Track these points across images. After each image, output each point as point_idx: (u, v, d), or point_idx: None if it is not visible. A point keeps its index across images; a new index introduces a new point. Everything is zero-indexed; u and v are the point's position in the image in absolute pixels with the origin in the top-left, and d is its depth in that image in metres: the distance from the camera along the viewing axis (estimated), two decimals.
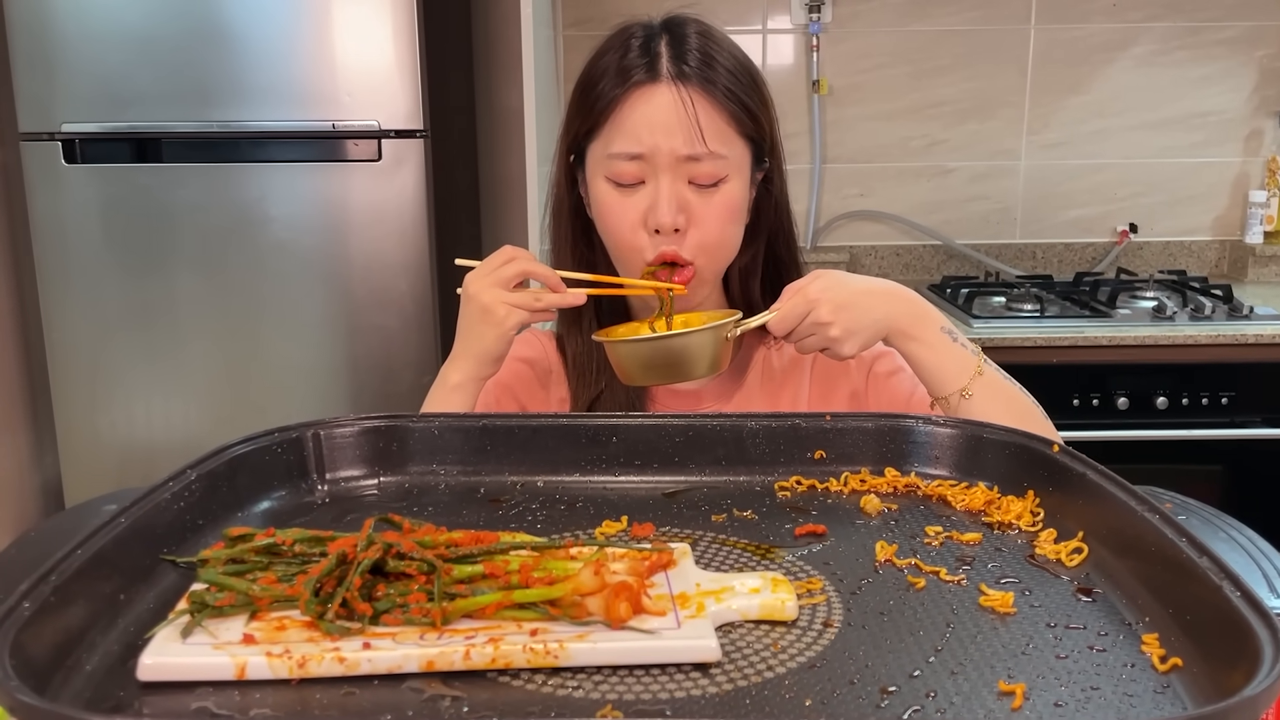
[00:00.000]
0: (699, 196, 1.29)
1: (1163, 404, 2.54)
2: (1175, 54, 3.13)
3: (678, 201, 1.28)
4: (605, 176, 1.31)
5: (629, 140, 1.28)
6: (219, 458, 0.91)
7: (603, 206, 1.32)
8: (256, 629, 0.70)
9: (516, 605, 0.72)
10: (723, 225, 1.31)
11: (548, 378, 1.44)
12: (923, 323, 1.26)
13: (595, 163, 1.32)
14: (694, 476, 1.02)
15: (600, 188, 1.32)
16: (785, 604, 0.75)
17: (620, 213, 1.30)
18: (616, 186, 1.30)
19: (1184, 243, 3.23)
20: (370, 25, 2.46)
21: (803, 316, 1.22)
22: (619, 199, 1.30)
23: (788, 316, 1.22)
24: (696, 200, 1.29)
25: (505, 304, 1.24)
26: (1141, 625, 0.74)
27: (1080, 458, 0.91)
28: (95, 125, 2.46)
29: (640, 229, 1.30)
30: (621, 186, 1.30)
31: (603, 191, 1.31)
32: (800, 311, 1.22)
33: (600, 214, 1.33)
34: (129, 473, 2.59)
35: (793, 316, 1.22)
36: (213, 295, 2.55)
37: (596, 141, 1.31)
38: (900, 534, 0.90)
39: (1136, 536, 0.79)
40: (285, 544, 0.78)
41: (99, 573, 0.73)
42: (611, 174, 1.30)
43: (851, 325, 1.22)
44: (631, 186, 1.29)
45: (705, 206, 1.29)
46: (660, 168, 1.27)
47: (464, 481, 1.01)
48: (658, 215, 1.27)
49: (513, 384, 1.42)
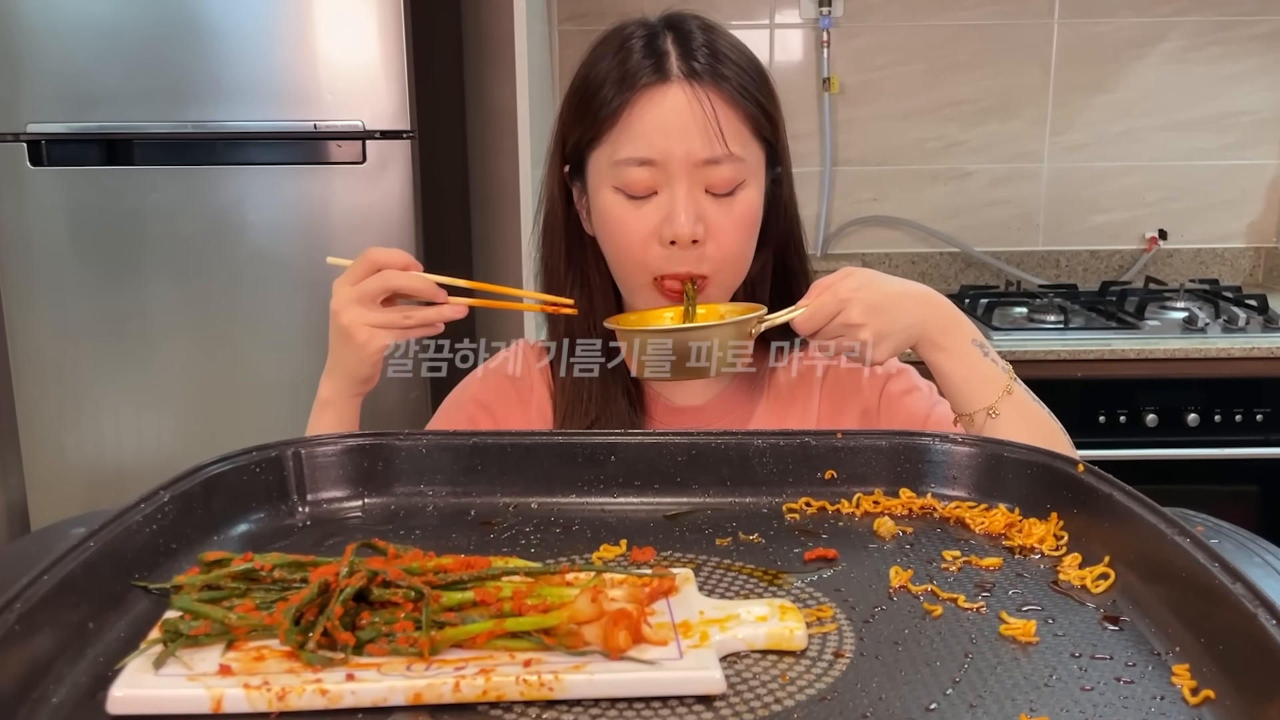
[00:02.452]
0: (716, 205, 1.27)
1: (1194, 421, 2.54)
2: (1207, 50, 3.13)
3: (696, 210, 1.26)
4: (612, 186, 1.28)
5: (640, 145, 1.26)
6: (194, 478, 0.91)
7: (609, 218, 1.29)
8: (233, 659, 0.70)
9: (509, 634, 0.72)
10: (742, 236, 1.29)
11: (529, 395, 1.42)
12: (954, 332, 1.25)
13: (599, 172, 1.30)
14: (697, 498, 1.02)
15: (606, 199, 1.29)
16: (794, 633, 0.75)
17: (630, 225, 1.28)
18: (626, 197, 1.28)
19: (1216, 250, 3.23)
20: (354, 19, 2.46)
21: (832, 315, 1.20)
22: (629, 210, 1.28)
23: (816, 314, 1.21)
24: (714, 209, 1.27)
25: (367, 326, 1.19)
26: (1171, 656, 0.74)
27: (1106, 478, 0.91)
28: (62, 125, 2.46)
29: (652, 242, 1.27)
30: (631, 197, 1.27)
31: (610, 203, 1.29)
32: (830, 310, 1.20)
33: (606, 227, 1.31)
34: (98, 494, 2.59)
35: (821, 315, 1.21)
36: (187, 305, 2.55)
37: (600, 149, 1.29)
38: (916, 559, 0.90)
39: (1166, 561, 0.79)
40: (264, 569, 0.78)
41: (66, 600, 0.73)
42: (620, 183, 1.27)
43: (884, 329, 1.21)
44: (643, 197, 1.27)
45: (723, 216, 1.27)
46: (675, 174, 1.25)
47: (453, 503, 1.01)
48: (675, 226, 1.25)
49: (491, 402, 1.41)
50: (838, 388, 1.41)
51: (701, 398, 1.40)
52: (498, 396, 1.41)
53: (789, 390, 1.42)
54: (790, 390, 1.42)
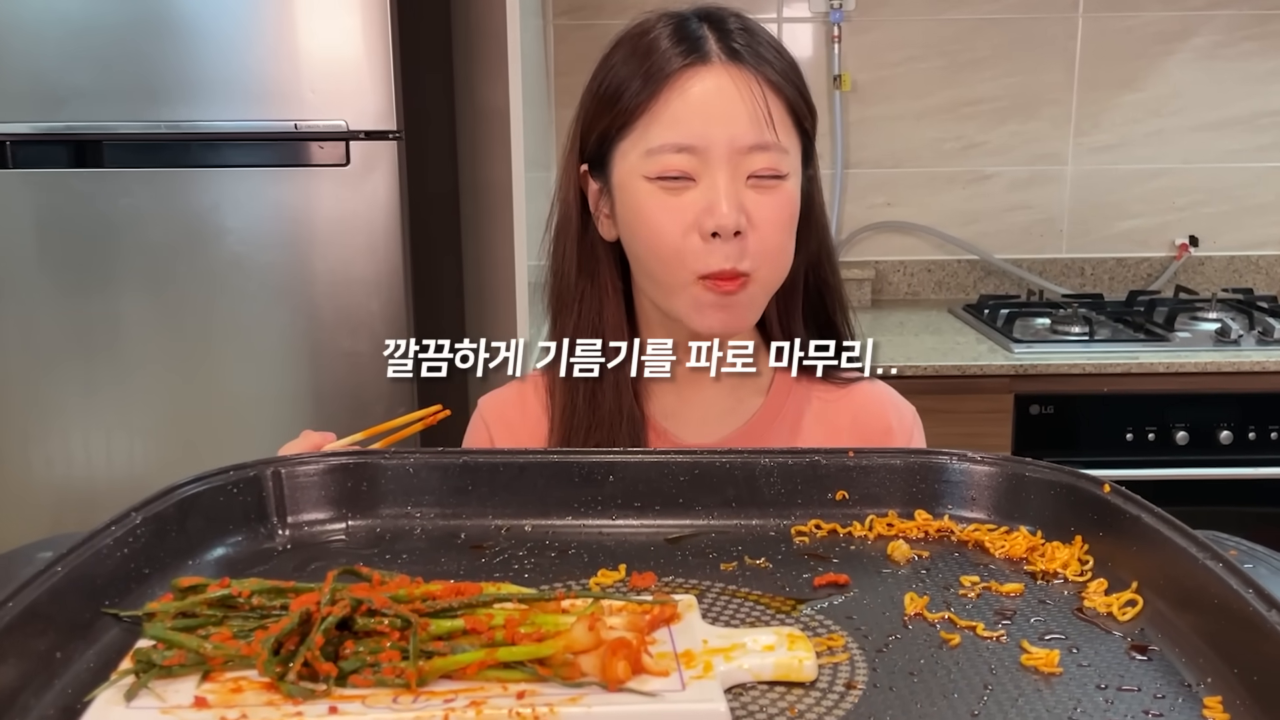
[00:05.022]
0: (758, 196, 1.25)
1: (1226, 438, 2.54)
2: (1241, 45, 3.14)
3: (738, 200, 1.23)
4: (645, 176, 1.26)
5: (679, 130, 1.24)
6: (167, 499, 0.92)
7: (643, 211, 1.27)
8: (209, 691, 0.70)
9: (501, 665, 0.72)
10: (784, 230, 1.28)
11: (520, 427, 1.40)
12: None
13: (629, 164, 1.28)
14: (701, 519, 1.02)
15: (639, 190, 1.27)
16: (803, 663, 0.75)
17: (667, 217, 1.25)
18: (661, 187, 1.25)
19: (1250, 257, 3.24)
20: (337, 12, 2.46)
21: None
22: (665, 201, 1.25)
23: None
24: (755, 200, 1.25)
25: None
26: (1203, 687, 0.74)
27: (1134, 499, 0.91)
28: (27, 125, 2.46)
29: (692, 234, 1.24)
30: (668, 186, 1.25)
31: (643, 194, 1.27)
32: None
33: (639, 220, 1.28)
34: (66, 515, 2.58)
35: None
36: (160, 316, 2.55)
37: (628, 139, 1.28)
38: (932, 584, 0.90)
39: (1197, 588, 0.79)
40: (242, 596, 0.78)
41: (32, 628, 0.73)
42: (655, 172, 1.25)
43: None
44: (680, 186, 1.25)
45: (765, 207, 1.25)
46: (716, 161, 1.23)
47: (442, 525, 1.01)
48: (718, 216, 1.22)
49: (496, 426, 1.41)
50: (864, 442, 1.36)
51: (713, 437, 1.39)
52: (507, 431, 1.41)
53: (810, 441, 1.37)
54: (811, 441, 1.37)
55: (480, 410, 1.45)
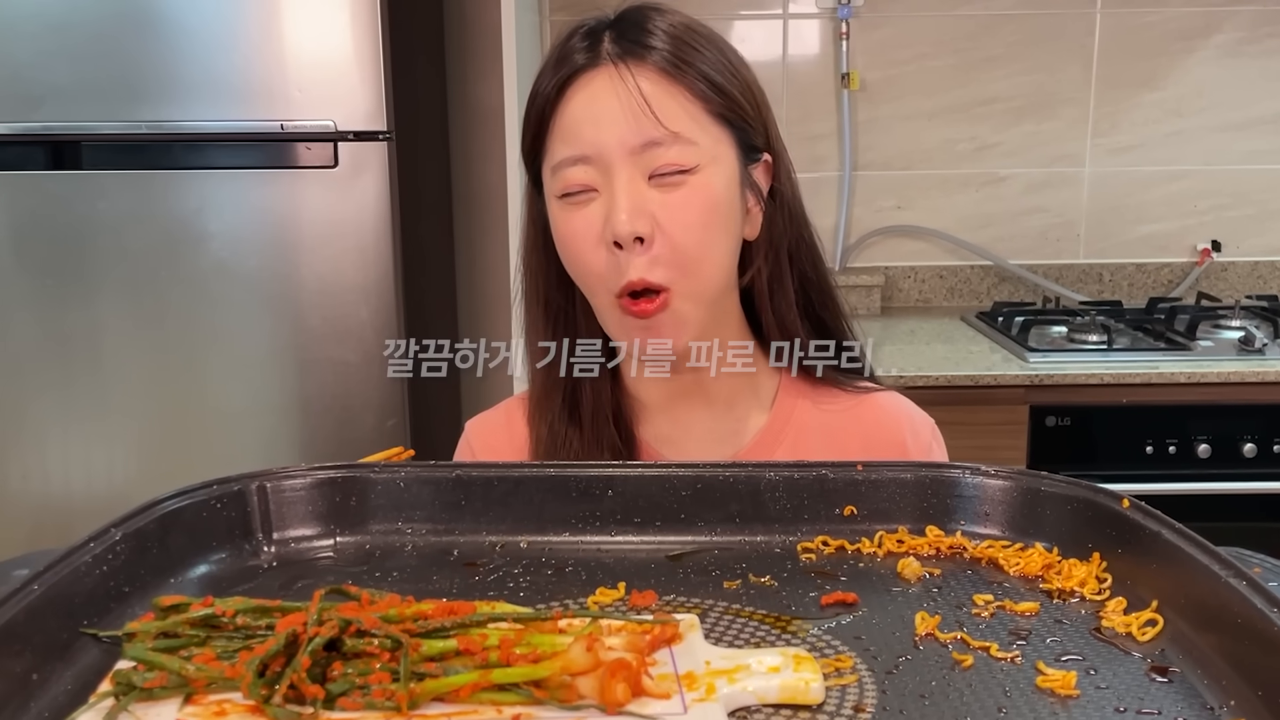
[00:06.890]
0: (664, 195, 1.22)
1: (1250, 451, 2.54)
2: (1265, 42, 3.15)
3: (635, 203, 1.20)
4: (555, 195, 1.26)
5: (570, 142, 1.23)
6: (149, 514, 0.92)
7: (559, 231, 1.27)
8: (192, 714, 0.70)
9: (496, 687, 0.72)
10: (697, 227, 1.23)
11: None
12: None
13: (548, 185, 1.28)
14: (703, 536, 1.02)
15: (554, 210, 1.27)
16: (810, 685, 0.75)
17: (574, 232, 1.24)
18: (569, 203, 1.25)
19: (1275, 263, 3.24)
20: (325, 8, 2.47)
21: None
22: (572, 216, 1.24)
23: None
24: (661, 201, 1.22)
25: None
26: (1226, 711, 0.74)
27: (1154, 514, 0.91)
28: (3, 126, 2.47)
29: (600, 248, 1.22)
30: (573, 202, 1.24)
31: (556, 213, 1.26)
32: None
33: (558, 241, 1.28)
34: (43, 532, 2.58)
35: None
36: (142, 324, 2.55)
37: (545, 157, 1.27)
38: (944, 603, 0.90)
39: (1220, 606, 0.79)
40: (226, 615, 0.78)
41: (8, 648, 0.73)
42: (559, 189, 1.25)
43: None
44: (584, 200, 1.24)
45: (671, 207, 1.21)
46: (614, 167, 1.22)
47: (434, 542, 1.02)
48: (614, 223, 1.20)
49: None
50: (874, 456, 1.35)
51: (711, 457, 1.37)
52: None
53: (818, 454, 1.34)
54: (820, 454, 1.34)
55: (467, 434, 1.44)
